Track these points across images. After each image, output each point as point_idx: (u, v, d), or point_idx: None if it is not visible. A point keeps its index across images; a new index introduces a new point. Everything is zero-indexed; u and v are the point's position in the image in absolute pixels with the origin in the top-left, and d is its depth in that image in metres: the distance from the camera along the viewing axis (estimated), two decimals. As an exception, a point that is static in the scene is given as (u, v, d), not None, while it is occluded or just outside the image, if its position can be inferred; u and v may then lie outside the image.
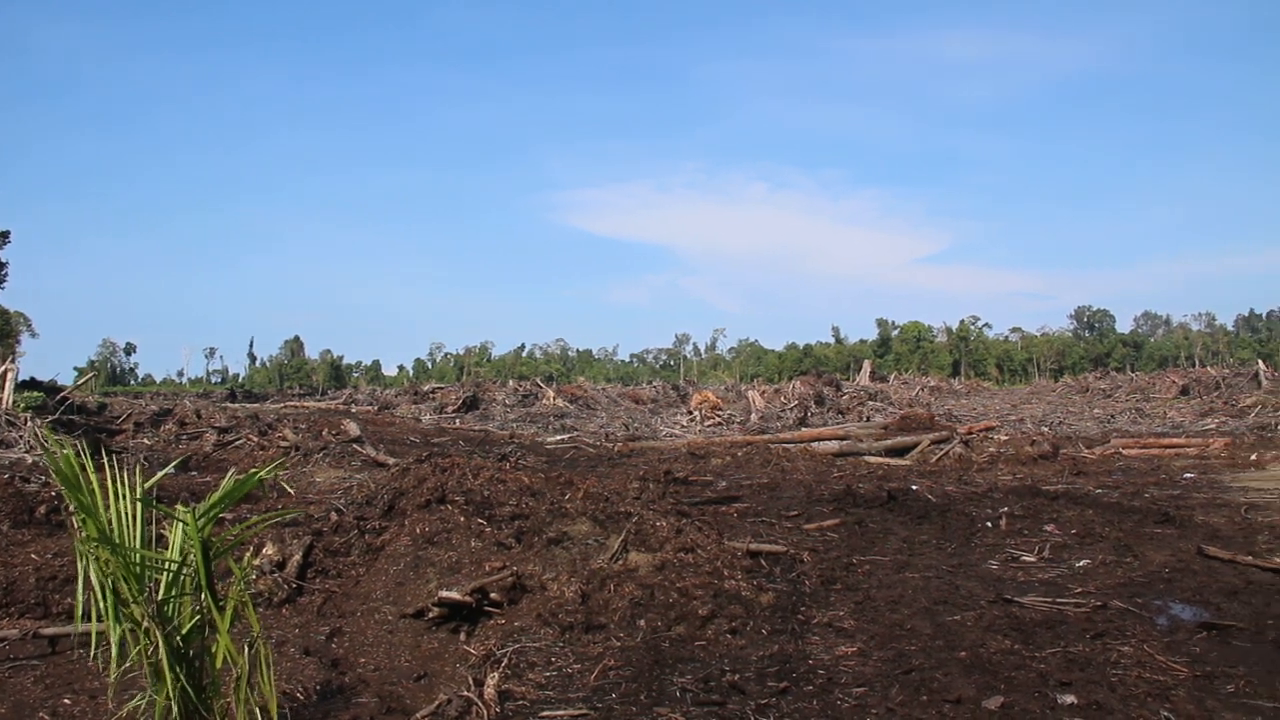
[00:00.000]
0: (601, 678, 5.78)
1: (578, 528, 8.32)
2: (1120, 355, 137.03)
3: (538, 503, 8.77)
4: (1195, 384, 47.64)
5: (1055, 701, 5.22)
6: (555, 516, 8.52)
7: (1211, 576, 8.27)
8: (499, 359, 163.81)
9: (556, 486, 9.40)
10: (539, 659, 6.15)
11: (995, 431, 24.96)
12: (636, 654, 6.16)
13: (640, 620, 6.73)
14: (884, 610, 7.26)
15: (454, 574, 7.52)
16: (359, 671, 6.16)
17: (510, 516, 8.49)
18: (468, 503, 8.66)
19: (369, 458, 18.13)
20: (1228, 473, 17.42)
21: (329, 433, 20.76)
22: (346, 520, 8.74)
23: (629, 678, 5.75)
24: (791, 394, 42.34)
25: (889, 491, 13.17)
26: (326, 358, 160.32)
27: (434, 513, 8.51)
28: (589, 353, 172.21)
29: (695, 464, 18.81)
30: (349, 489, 11.65)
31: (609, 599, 6.96)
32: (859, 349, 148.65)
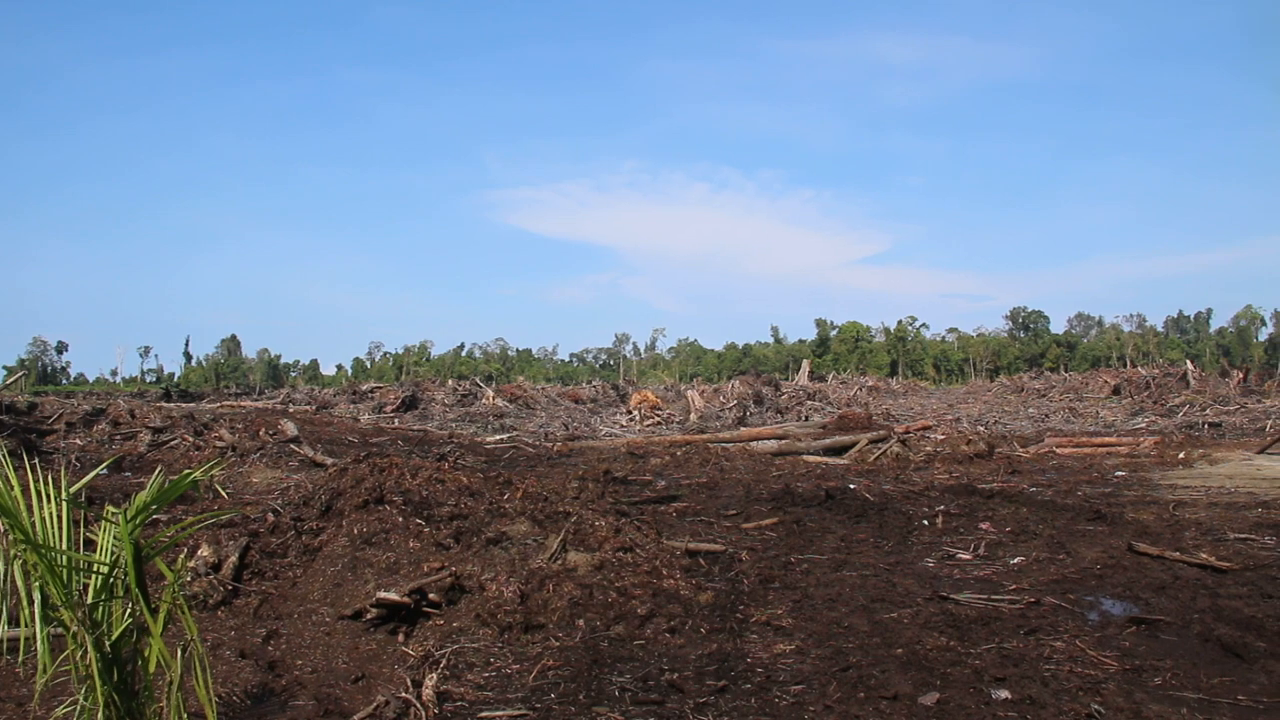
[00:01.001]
0: (540, 678, 5.78)
1: (517, 528, 8.30)
2: (1054, 355, 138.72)
3: (476, 503, 8.74)
4: (1126, 384, 48.35)
5: (990, 697, 5.30)
6: (494, 516, 8.50)
7: (1141, 572, 8.42)
8: (438, 358, 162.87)
9: (495, 486, 9.37)
10: (478, 659, 6.13)
11: (932, 431, 25.23)
12: (575, 654, 6.16)
13: (579, 620, 6.74)
14: (822, 608, 7.31)
15: (392, 575, 7.48)
16: (296, 674, 6.10)
17: (449, 517, 8.46)
18: (406, 503, 8.61)
19: (307, 458, 17.95)
20: (1157, 471, 17.72)
21: (266, 433, 20.51)
22: (283, 521, 8.66)
23: (568, 677, 5.75)
24: (731, 393, 42.50)
25: (827, 490, 13.25)
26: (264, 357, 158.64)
27: (372, 513, 8.45)
28: (529, 352, 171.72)
29: (634, 463, 18.81)
30: (286, 489, 11.56)
31: (548, 599, 6.96)
32: (798, 349, 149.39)
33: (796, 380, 63.48)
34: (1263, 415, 32.86)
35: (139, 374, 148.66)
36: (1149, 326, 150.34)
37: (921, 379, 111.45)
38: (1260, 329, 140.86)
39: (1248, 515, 11.67)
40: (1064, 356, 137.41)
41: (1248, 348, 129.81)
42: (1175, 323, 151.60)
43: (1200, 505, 12.61)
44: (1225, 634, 6.49)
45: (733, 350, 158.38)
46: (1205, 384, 44.89)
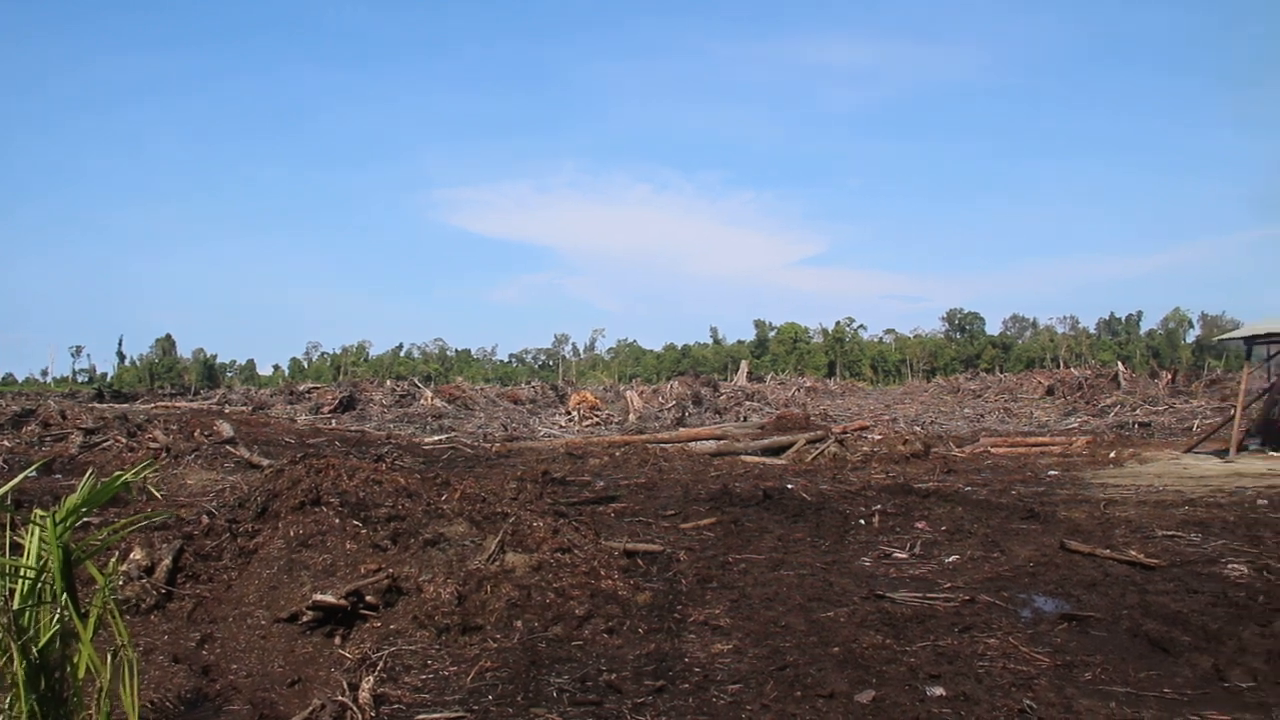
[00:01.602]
0: (478, 679, 5.76)
1: (454, 529, 8.27)
2: (990, 356, 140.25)
3: (414, 504, 8.69)
4: (1060, 385, 49.01)
5: (925, 694, 5.35)
6: (432, 518, 8.45)
7: (1072, 570, 8.55)
8: (376, 358, 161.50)
9: (433, 487, 9.32)
10: (415, 662, 6.10)
11: (869, 431, 25.42)
12: (513, 655, 6.14)
13: (517, 621, 6.72)
14: (759, 608, 7.35)
15: (329, 577, 7.41)
16: (230, 678, 6.04)
17: (386, 518, 8.39)
18: (343, 504, 8.54)
19: (243, 459, 17.76)
20: (1089, 470, 18.00)
21: (201, 434, 20.28)
22: (218, 523, 8.56)
23: (506, 679, 5.73)
24: (670, 394, 42.58)
25: (765, 490, 13.31)
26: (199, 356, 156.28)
27: (308, 515, 8.36)
28: (468, 353, 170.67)
29: (573, 464, 18.80)
30: (221, 491, 11.42)
31: (486, 600, 6.94)
32: (737, 350, 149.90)
33: (735, 381, 63.66)
34: (1190, 415, 33.49)
35: (70, 374, 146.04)
36: (1082, 328, 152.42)
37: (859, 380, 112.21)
38: (1188, 331, 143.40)
39: (1175, 513, 11.89)
40: (999, 358, 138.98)
41: (1176, 349, 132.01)
42: (1107, 325, 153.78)
43: (1130, 503, 12.84)
44: (1153, 629, 6.62)
45: (672, 351, 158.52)
46: (1136, 385, 45.69)
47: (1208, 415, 32.18)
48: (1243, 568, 8.64)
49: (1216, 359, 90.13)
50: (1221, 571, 8.51)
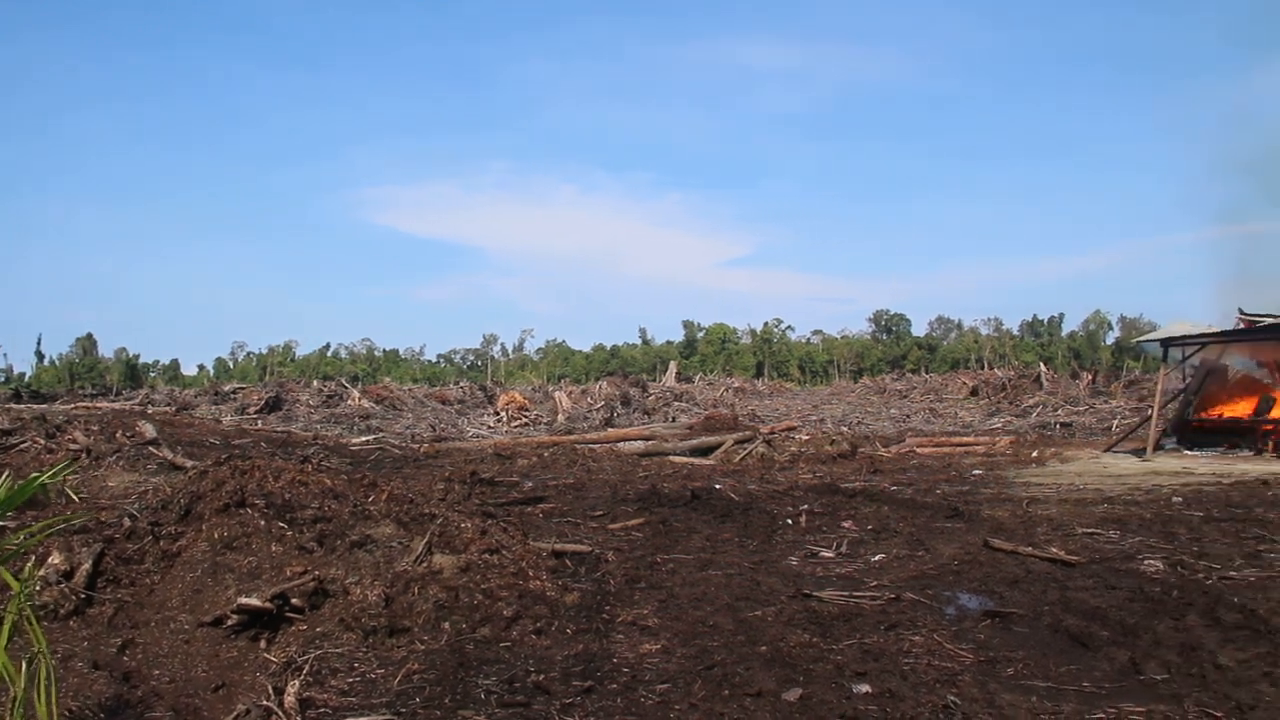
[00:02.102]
0: (405, 682, 5.72)
1: (382, 530, 8.21)
2: (915, 357, 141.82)
3: (341, 505, 8.62)
4: (984, 385, 49.75)
5: (851, 692, 5.41)
6: (359, 519, 8.39)
7: (996, 567, 8.68)
8: (303, 358, 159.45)
9: (360, 488, 9.25)
10: (342, 665, 6.04)
11: (797, 431, 25.65)
12: (441, 657, 6.11)
13: (445, 623, 6.69)
14: (687, 607, 7.38)
15: (254, 580, 7.33)
16: (153, 684, 5.95)
17: (313, 520, 8.31)
18: (269, 506, 8.44)
19: (166, 460, 17.48)
20: (1012, 469, 18.27)
21: (123, 434, 19.91)
22: (141, 526, 8.42)
23: (433, 681, 5.70)
24: (598, 395, 42.63)
25: (693, 490, 13.37)
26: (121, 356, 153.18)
27: (233, 517, 8.26)
28: (396, 353, 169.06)
29: (502, 465, 18.74)
30: (144, 493, 11.25)
31: (413, 602, 6.89)
32: (665, 350, 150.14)
33: (663, 381, 63.80)
34: (1109, 415, 34.13)
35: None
36: (1005, 330, 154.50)
37: (787, 380, 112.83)
38: (1108, 333, 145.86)
39: (1095, 511, 12.12)
40: (925, 358, 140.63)
41: (1096, 350, 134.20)
42: (1030, 326, 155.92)
43: (1052, 502, 13.06)
44: (1073, 624, 6.75)
45: (601, 351, 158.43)
46: (1057, 385, 46.51)
47: (1126, 415, 32.81)
48: (1158, 563, 8.83)
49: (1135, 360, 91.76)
50: (1138, 568, 8.69)
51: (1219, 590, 7.71)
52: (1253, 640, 6.35)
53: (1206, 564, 8.80)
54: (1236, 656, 6.02)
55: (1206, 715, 5.03)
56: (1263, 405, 23.46)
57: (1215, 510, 12.03)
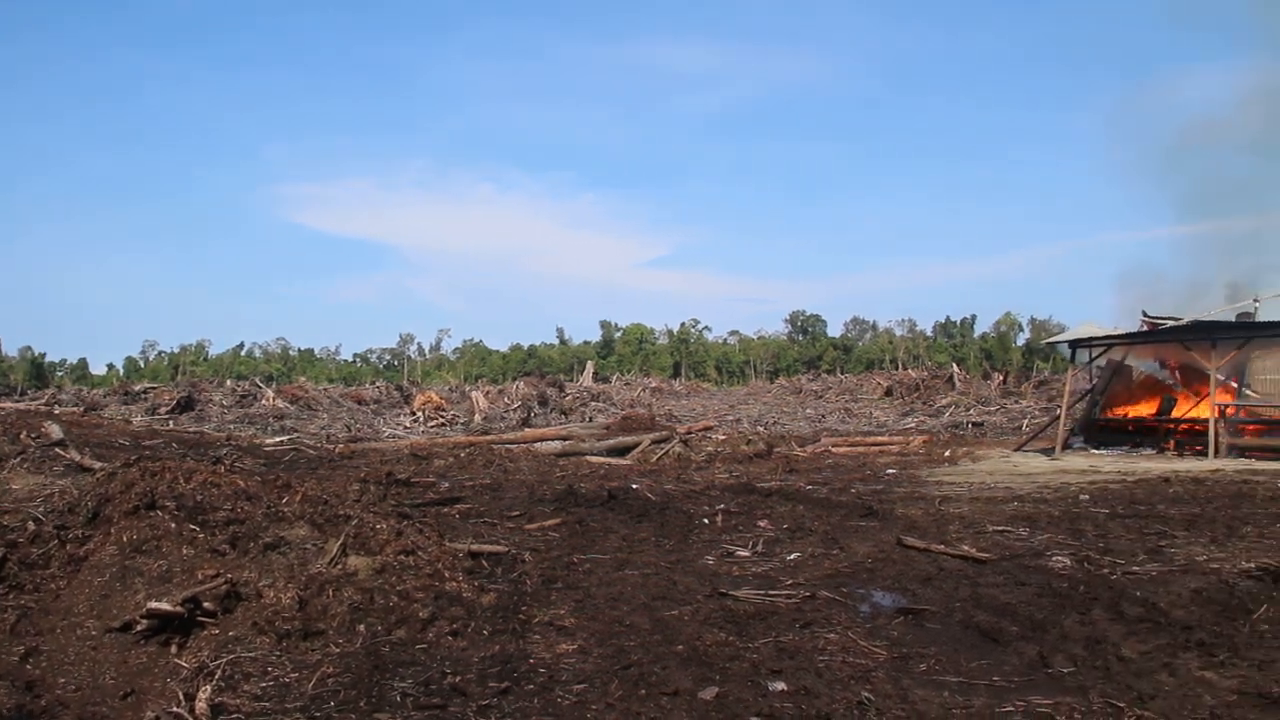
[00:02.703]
0: (320, 686, 5.65)
1: (296, 532, 8.11)
2: (831, 358, 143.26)
3: (254, 507, 8.50)
4: (898, 385, 50.41)
5: (766, 689, 5.45)
6: (272, 521, 8.27)
7: (909, 565, 8.81)
8: (216, 358, 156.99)
9: (274, 490, 9.13)
10: (255, 669, 5.95)
11: (713, 431, 25.80)
12: (356, 660, 6.05)
13: (360, 625, 6.62)
14: (604, 607, 7.38)
15: (165, 584, 7.19)
16: (58, 693, 5.81)
17: (225, 522, 8.18)
18: (180, 508, 8.29)
19: (73, 462, 17.08)
20: (925, 468, 18.53)
21: (28, 435, 19.41)
22: (46, 530, 8.23)
23: (348, 684, 5.64)
24: (515, 395, 42.51)
25: (610, 490, 13.38)
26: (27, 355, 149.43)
27: (143, 519, 8.10)
28: (311, 352, 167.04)
29: (418, 465, 18.61)
30: (50, 496, 10.97)
31: (328, 604, 6.82)
32: (583, 350, 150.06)
33: (581, 381, 63.81)
34: (1020, 415, 34.77)
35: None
36: (919, 331, 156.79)
37: (704, 380, 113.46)
38: (1019, 334, 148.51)
39: (1005, 509, 12.35)
40: (840, 359, 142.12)
41: (1007, 352, 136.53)
42: (943, 328, 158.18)
43: (964, 500, 13.29)
44: (983, 620, 6.87)
45: (518, 351, 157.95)
46: (969, 386, 47.29)
47: (1036, 415, 33.45)
48: (1066, 560, 9.03)
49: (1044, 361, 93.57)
50: (1047, 564, 8.87)
51: (1123, 585, 7.90)
52: (1154, 632, 6.54)
53: (1111, 560, 9.02)
54: (1139, 648, 6.18)
55: (1110, 706, 5.14)
56: (1165, 405, 24.08)
57: (1120, 507, 12.33)
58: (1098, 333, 23.99)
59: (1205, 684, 5.50)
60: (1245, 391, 22.42)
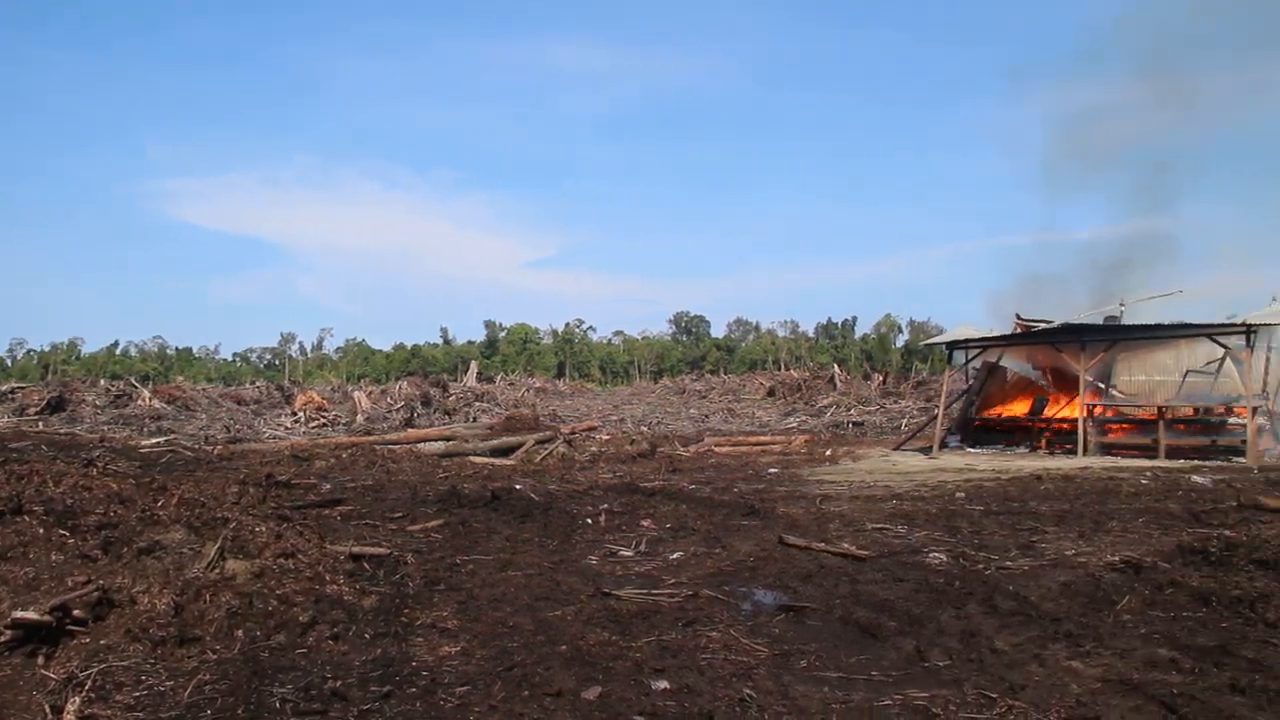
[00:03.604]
0: (196, 693, 5.53)
1: (172, 536, 7.93)
2: (714, 358, 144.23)
3: (128, 510, 8.29)
4: (780, 386, 50.99)
5: (649, 688, 5.47)
6: (147, 524, 8.08)
7: (790, 563, 8.92)
8: (89, 357, 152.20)
9: (149, 492, 8.92)
10: (128, 678, 5.80)
11: (597, 431, 25.85)
12: (234, 666, 5.93)
13: (238, 630, 6.50)
14: (487, 609, 7.36)
15: (32, 592, 6.97)
16: (-84, 707, 5.61)
17: (97, 526, 7.96)
18: (48, 513, 8.05)
19: (-69, 466, 16.51)
20: (806, 467, 18.79)
21: (-118, 439, 18.75)
22: (-96, 537, 7.94)
23: (225, 691, 5.53)
24: (398, 395, 42.08)
25: (493, 491, 13.33)
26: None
27: (9, 525, 7.85)
28: (189, 351, 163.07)
29: (299, 466, 18.33)
30: (-93, 501, 10.58)
31: (205, 610, 6.68)
32: (467, 350, 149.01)
33: (464, 381, 63.41)
34: (899, 414, 35.44)
35: None
36: (801, 332, 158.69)
37: (588, 380, 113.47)
38: (898, 336, 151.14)
39: (884, 507, 12.58)
40: (723, 359, 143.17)
41: (887, 353, 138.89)
42: (825, 329, 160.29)
43: (844, 499, 13.51)
44: (862, 616, 7.00)
45: (402, 351, 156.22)
46: (850, 386, 48.05)
47: (915, 415, 34.14)
48: (942, 556, 9.24)
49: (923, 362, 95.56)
50: (924, 560, 9.07)
51: (997, 580, 8.12)
52: (1025, 625, 6.75)
53: (986, 555, 9.26)
54: (1011, 641, 6.37)
55: (984, 697, 5.28)
56: (1038, 405, 24.78)
57: (994, 505, 12.65)
58: (974, 334, 24.61)
59: (1072, 673, 5.70)
60: (1112, 392, 23.16)
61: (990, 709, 5.12)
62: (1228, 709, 5.04)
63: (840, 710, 5.17)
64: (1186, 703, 5.12)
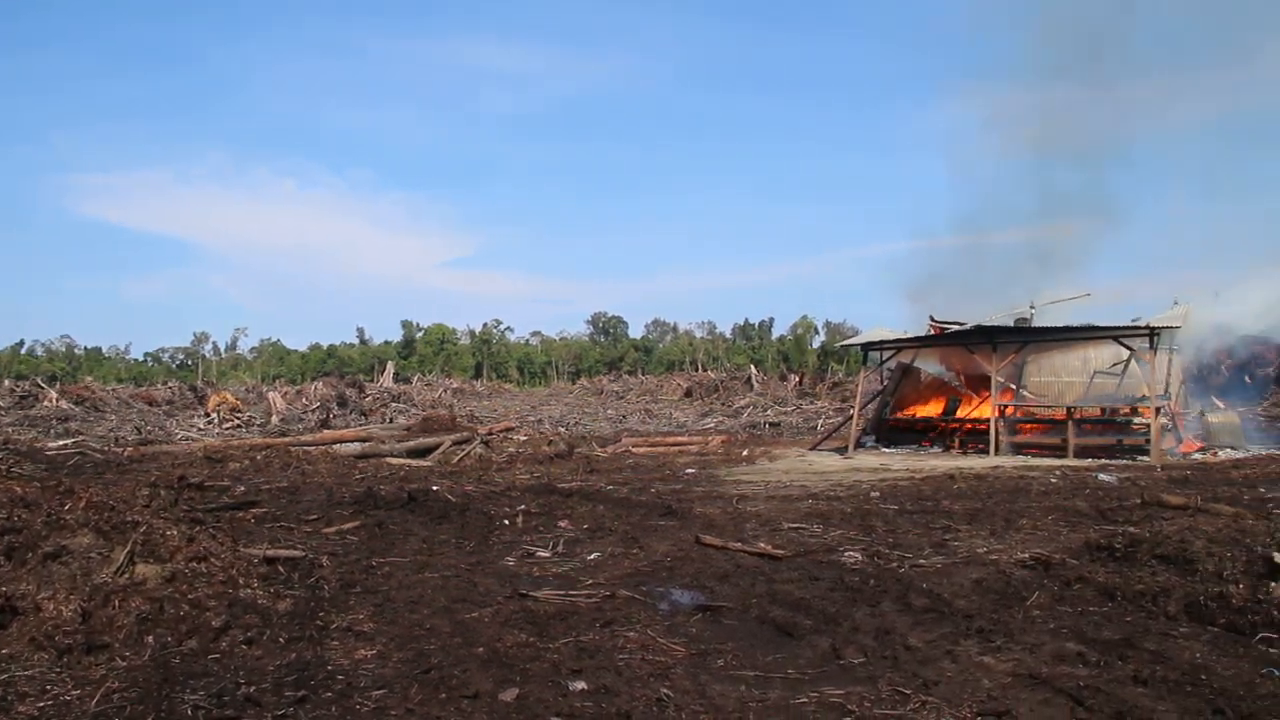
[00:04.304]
0: (104, 702, 5.42)
1: (79, 540, 7.76)
2: (632, 359, 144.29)
3: (33, 514, 8.09)
4: (698, 386, 51.29)
5: (567, 689, 5.47)
6: (53, 529, 7.90)
7: (707, 563, 8.98)
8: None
9: (55, 496, 8.71)
10: (32, 688, 5.65)
11: (515, 432, 25.76)
12: (144, 673, 5.83)
13: (148, 636, 6.39)
14: (404, 611, 7.31)
15: (-68, 597, 6.81)
16: None
17: (0, 531, 7.79)
18: (-52, 518, 7.86)
19: None
20: (723, 468, 18.90)
21: None
22: None
23: (135, 699, 5.43)
24: (314, 395, 41.68)
25: (410, 492, 13.25)
26: None
27: (-93, 530, 7.65)
28: (98, 351, 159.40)
29: (212, 468, 18.06)
30: None
31: (113, 616, 6.56)
32: (384, 350, 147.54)
33: (381, 382, 62.96)
34: (815, 415, 35.80)
35: None
36: (718, 333, 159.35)
37: (506, 381, 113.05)
38: (814, 337, 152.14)
39: (800, 506, 12.71)
40: (641, 360, 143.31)
41: (804, 354, 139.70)
42: (742, 330, 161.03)
43: (760, 499, 13.61)
44: (779, 615, 7.07)
45: (317, 351, 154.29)
46: (767, 387, 48.46)
47: (830, 415, 34.51)
48: (857, 554, 9.36)
49: (838, 363, 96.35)
50: (839, 559, 9.18)
51: (910, 577, 8.24)
52: (938, 622, 6.86)
53: (900, 554, 9.39)
54: (924, 637, 6.47)
55: (898, 693, 5.36)
56: (951, 405, 25.19)
57: (908, 503, 12.84)
58: (888, 336, 24.96)
59: (984, 668, 5.80)
60: (1022, 392, 23.61)
61: (904, 705, 5.19)
62: (1131, 700, 5.17)
63: (757, 709, 5.21)
64: (1092, 695, 5.23)
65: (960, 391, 25.36)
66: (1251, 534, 7.94)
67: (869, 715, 5.07)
